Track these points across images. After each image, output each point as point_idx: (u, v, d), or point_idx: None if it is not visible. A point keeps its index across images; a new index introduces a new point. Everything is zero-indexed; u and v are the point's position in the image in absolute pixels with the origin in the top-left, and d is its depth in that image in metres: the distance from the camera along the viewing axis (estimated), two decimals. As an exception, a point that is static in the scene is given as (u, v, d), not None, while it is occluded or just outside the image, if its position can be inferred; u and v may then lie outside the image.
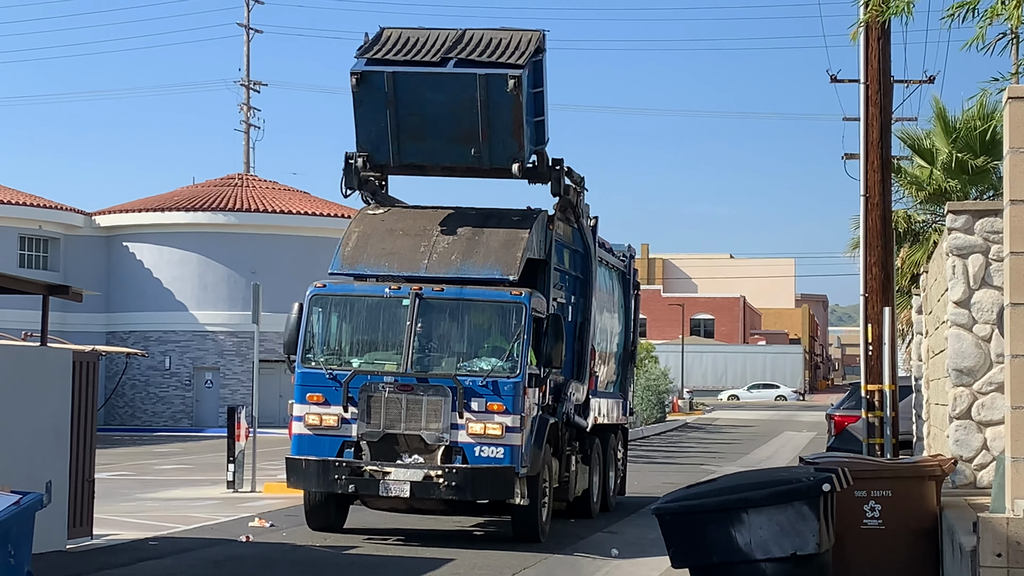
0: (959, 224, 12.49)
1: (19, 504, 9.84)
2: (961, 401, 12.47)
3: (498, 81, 17.07)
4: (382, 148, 17.73)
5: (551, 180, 18.11)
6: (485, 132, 17.32)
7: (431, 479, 16.35)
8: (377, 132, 17.60)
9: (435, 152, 17.84)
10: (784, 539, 10.48)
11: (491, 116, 17.25)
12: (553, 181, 18.11)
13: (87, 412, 16.43)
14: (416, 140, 17.63)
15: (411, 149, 17.75)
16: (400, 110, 17.43)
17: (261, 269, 47.23)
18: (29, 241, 49.57)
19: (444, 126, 17.48)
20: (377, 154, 17.83)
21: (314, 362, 17.11)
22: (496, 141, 17.39)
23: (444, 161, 18.06)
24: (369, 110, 17.50)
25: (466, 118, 17.32)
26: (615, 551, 16.57)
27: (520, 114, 17.19)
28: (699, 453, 39.39)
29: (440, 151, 17.80)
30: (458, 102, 17.30)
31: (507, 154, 17.47)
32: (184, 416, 49.74)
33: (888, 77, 19.41)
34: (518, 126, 17.26)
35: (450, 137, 17.53)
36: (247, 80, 64.95)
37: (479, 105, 17.17)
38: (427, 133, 17.56)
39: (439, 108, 17.39)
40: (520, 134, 17.30)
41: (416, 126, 17.52)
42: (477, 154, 17.53)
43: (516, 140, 17.36)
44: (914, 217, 30.72)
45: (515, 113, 17.20)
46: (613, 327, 22.43)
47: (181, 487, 25.34)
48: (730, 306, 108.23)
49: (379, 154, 17.83)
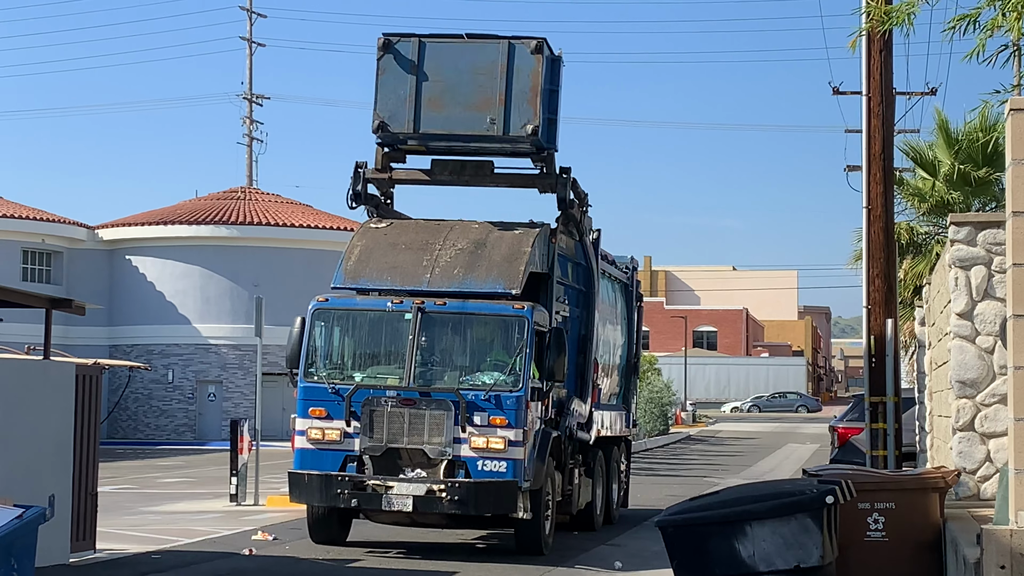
0: (961, 236, 12.49)
1: (22, 518, 9.84)
2: (964, 413, 12.46)
3: (521, 48, 17.76)
4: (399, 116, 17.92)
5: (558, 187, 18.22)
6: (502, 97, 17.68)
7: (434, 493, 16.34)
8: (396, 100, 17.91)
9: (451, 120, 17.98)
10: (787, 552, 10.47)
11: (510, 82, 17.70)
12: (560, 187, 18.22)
13: (90, 425, 16.43)
14: (434, 108, 17.90)
15: (428, 117, 17.94)
16: (421, 77, 17.87)
17: (264, 282, 47.25)
18: (32, 255, 49.62)
19: (463, 94, 17.84)
20: (393, 122, 17.95)
21: (316, 376, 17.11)
22: (512, 107, 17.70)
23: (460, 129, 18.08)
24: (391, 77, 17.92)
25: (485, 85, 17.75)
26: (618, 564, 16.55)
27: (537, 81, 17.65)
28: (702, 465, 39.35)
29: (456, 119, 17.95)
30: (480, 69, 17.81)
31: (522, 121, 17.72)
32: (187, 429, 49.73)
33: (890, 89, 19.45)
34: (535, 93, 17.66)
35: (467, 104, 17.82)
36: (250, 93, 65.05)
37: (499, 70, 17.69)
38: (446, 101, 17.87)
39: (460, 76, 17.85)
40: (536, 102, 17.65)
41: (436, 94, 17.88)
42: (492, 121, 17.76)
43: (531, 107, 17.67)
44: (916, 229, 30.71)
45: (533, 79, 17.67)
46: (616, 339, 22.43)
47: (184, 500, 25.32)
48: (733, 318, 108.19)
49: (395, 122, 17.95)
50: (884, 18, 12.81)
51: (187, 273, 49.82)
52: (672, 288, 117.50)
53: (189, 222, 50.16)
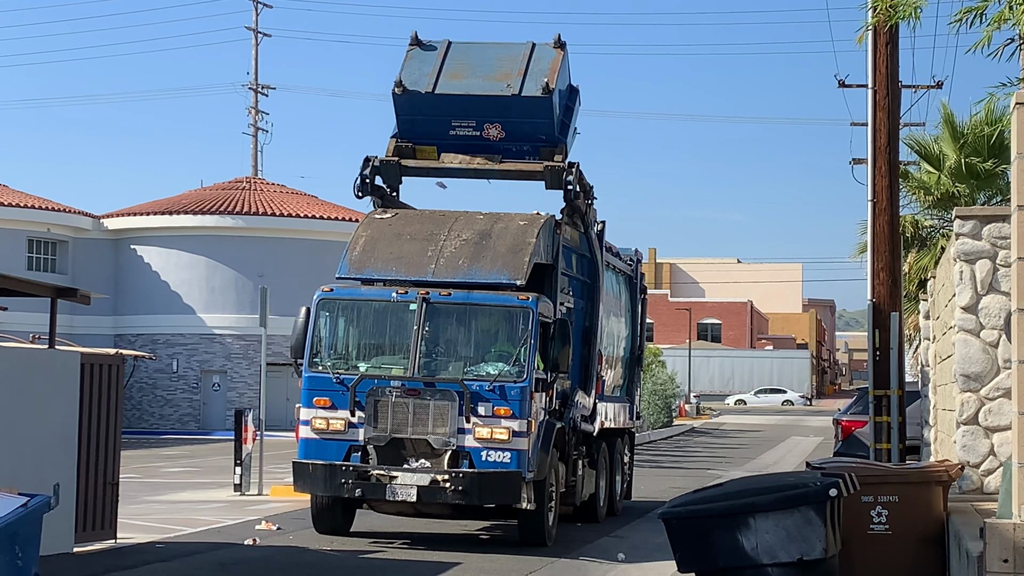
0: (967, 229, 12.48)
1: (27, 506, 9.85)
2: (968, 406, 12.46)
3: (543, 47, 18.97)
4: (420, 81, 18.74)
5: (564, 179, 18.40)
6: (521, 71, 18.62)
7: (438, 483, 16.36)
8: (419, 73, 18.85)
9: (470, 86, 18.79)
10: (791, 544, 10.48)
11: (530, 63, 18.74)
12: (567, 179, 18.39)
13: (110, 415, 16.47)
14: (454, 79, 18.82)
15: (447, 83, 18.77)
16: (446, 64, 18.91)
17: (269, 272, 47.29)
18: (37, 244, 49.66)
19: (484, 70, 18.87)
20: (414, 84, 18.73)
21: (321, 366, 17.13)
22: (529, 77, 18.55)
23: (475, 91, 18.79)
24: (417, 61, 19.00)
25: (506, 65, 18.83)
26: (621, 555, 16.57)
27: (556, 67, 18.63)
28: (706, 458, 39.37)
29: (475, 85, 18.78)
30: (503, 56, 18.99)
31: (537, 86, 18.44)
32: (191, 419, 49.79)
33: (896, 82, 19.42)
34: (552, 72, 18.55)
35: (487, 76, 18.81)
36: (255, 84, 65.06)
37: (521, 58, 18.81)
38: (467, 75, 18.86)
39: (484, 61, 19.00)
40: (554, 77, 18.50)
41: (457, 70, 18.89)
42: (509, 86, 18.56)
43: (547, 78, 18.44)
44: (922, 222, 30.69)
45: (552, 64, 18.68)
46: (620, 331, 22.43)
47: (188, 490, 25.37)
48: (737, 311, 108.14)
49: (416, 84, 18.74)
50: (891, 11, 12.79)
51: (192, 263, 49.85)
52: (676, 280, 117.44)
53: (194, 212, 50.18)
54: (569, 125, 19.24)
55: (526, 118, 18.45)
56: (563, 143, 18.89)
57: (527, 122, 18.60)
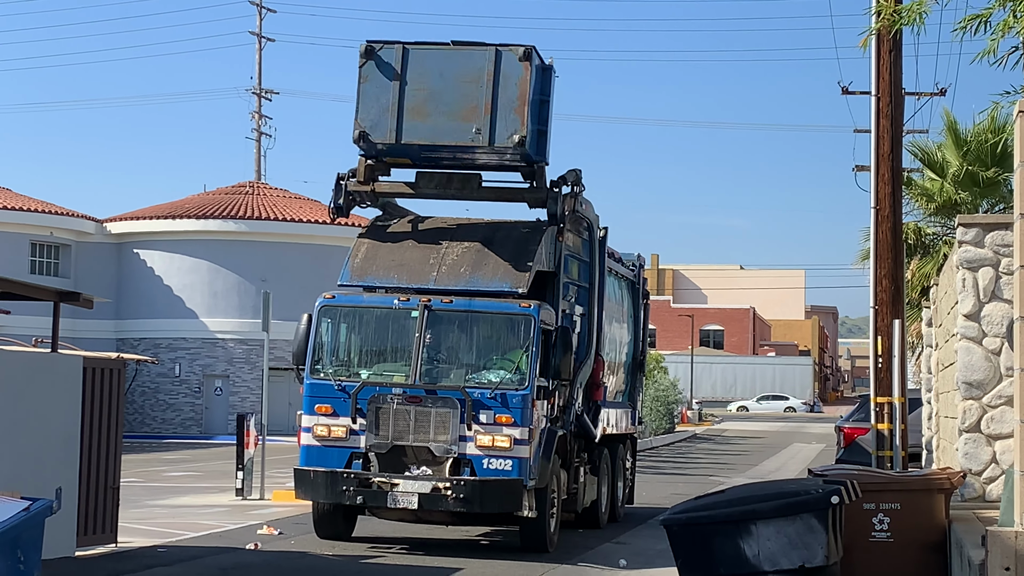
0: (969, 237, 12.48)
1: (29, 510, 9.86)
2: (970, 414, 12.46)
3: (508, 55, 17.10)
4: (381, 125, 17.29)
5: (548, 201, 17.66)
6: (488, 106, 17.02)
7: (439, 491, 16.35)
8: (378, 108, 17.30)
9: (436, 130, 17.29)
10: (792, 551, 10.48)
11: (497, 90, 17.03)
12: (551, 201, 17.65)
13: (111, 419, 16.48)
14: (417, 117, 17.24)
15: (411, 127, 17.28)
16: (404, 86, 17.22)
17: (271, 277, 47.29)
18: (40, 247, 49.69)
19: (448, 102, 17.19)
20: (374, 131, 17.31)
21: (323, 373, 17.12)
22: (499, 117, 17.04)
23: (444, 139, 17.42)
24: (373, 86, 17.31)
25: (471, 93, 17.11)
26: (623, 562, 16.56)
27: (526, 90, 17.00)
28: (708, 464, 39.35)
29: (440, 129, 17.26)
30: (465, 76, 17.15)
31: (508, 131, 17.07)
32: (193, 423, 49.80)
33: (899, 89, 19.42)
34: (522, 103, 17.01)
35: (452, 114, 17.17)
36: (259, 88, 65.14)
37: (486, 77, 17.03)
38: (429, 109, 17.22)
39: (445, 83, 17.21)
40: (523, 111, 16.99)
41: (420, 102, 17.22)
42: (478, 131, 17.08)
43: (518, 116, 17.01)
44: (924, 230, 30.67)
45: (520, 87, 17.03)
46: (622, 337, 22.42)
47: (190, 494, 25.37)
48: (740, 317, 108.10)
49: (377, 131, 17.31)
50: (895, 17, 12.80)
51: (195, 267, 49.87)
52: (679, 287, 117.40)
53: (197, 216, 50.20)
54: (547, 132, 17.75)
55: (500, 155, 17.72)
56: (543, 156, 17.75)
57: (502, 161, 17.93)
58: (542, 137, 17.56)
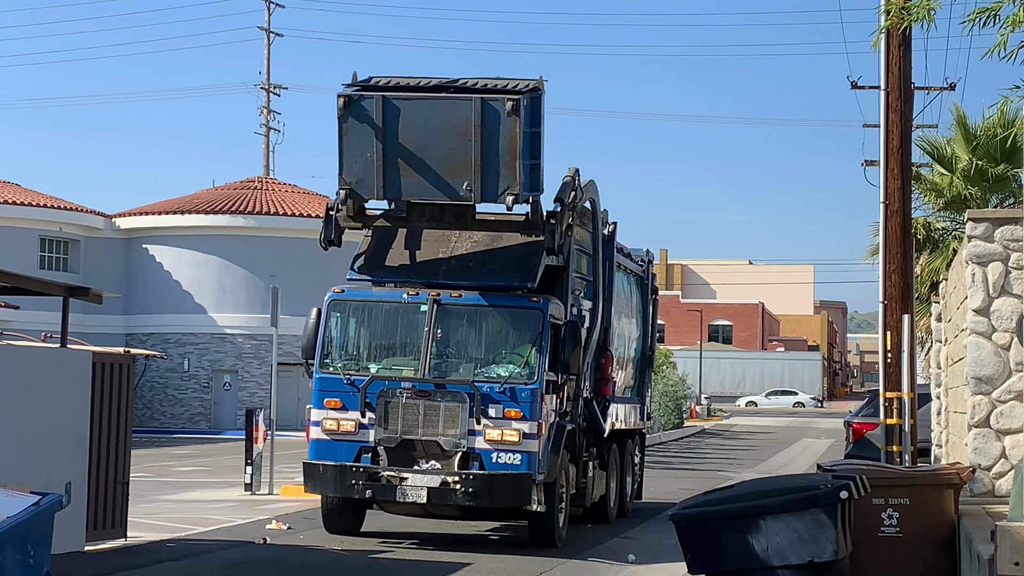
0: (979, 232, 12.46)
1: (38, 505, 9.88)
2: (980, 409, 12.44)
3: (495, 106, 16.15)
4: (367, 181, 16.63)
5: (545, 234, 16.98)
6: (478, 162, 16.26)
7: (448, 485, 16.36)
8: (363, 163, 16.55)
9: (424, 186, 16.67)
10: (801, 546, 10.48)
11: (485, 144, 16.24)
12: (547, 235, 16.99)
13: (120, 413, 16.50)
14: (405, 172, 16.51)
15: (398, 183, 16.65)
16: (388, 138, 16.40)
17: (280, 272, 47.30)
18: (49, 243, 49.77)
19: (435, 156, 16.42)
20: (361, 188, 16.72)
21: (332, 367, 17.14)
22: (489, 172, 16.31)
23: (433, 196, 16.90)
24: (355, 138, 16.51)
25: (459, 147, 16.31)
26: (632, 556, 16.56)
27: (516, 143, 16.17)
28: (716, 459, 39.34)
29: (429, 183, 16.62)
30: (451, 129, 16.31)
31: (501, 187, 16.37)
32: (202, 418, 49.87)
33: (909, 84, 19.36)
34: (513, 157, 16.21)
35: (440, 169, 16.44)
36: (267, 84, 65.17)
37: (473, 131, 16.17)
38: (416, 165, 16.46)
39: (430, 135, 16.39)
40: (515, 166, 16.21)
41: (404, 156, 16.45)
42: (469, 188, 16.42)
43: (510, 172, 16.27)
44: (934, 224, 30.64)
45: (511, 142, 16.19)
46: (631, 332, 22.42)
47: (199, 489, 25.40)
48: (748, 312, 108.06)
49: (363, 188, 16.72)
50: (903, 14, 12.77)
51: (204, 262, 49.92)
52: (688, 282, 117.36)
53: (206, 211, 50.26)
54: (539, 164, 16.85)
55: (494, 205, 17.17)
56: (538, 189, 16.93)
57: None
58: (535, 170, 16.77)
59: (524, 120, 16.26)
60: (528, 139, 16.46)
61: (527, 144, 16.46)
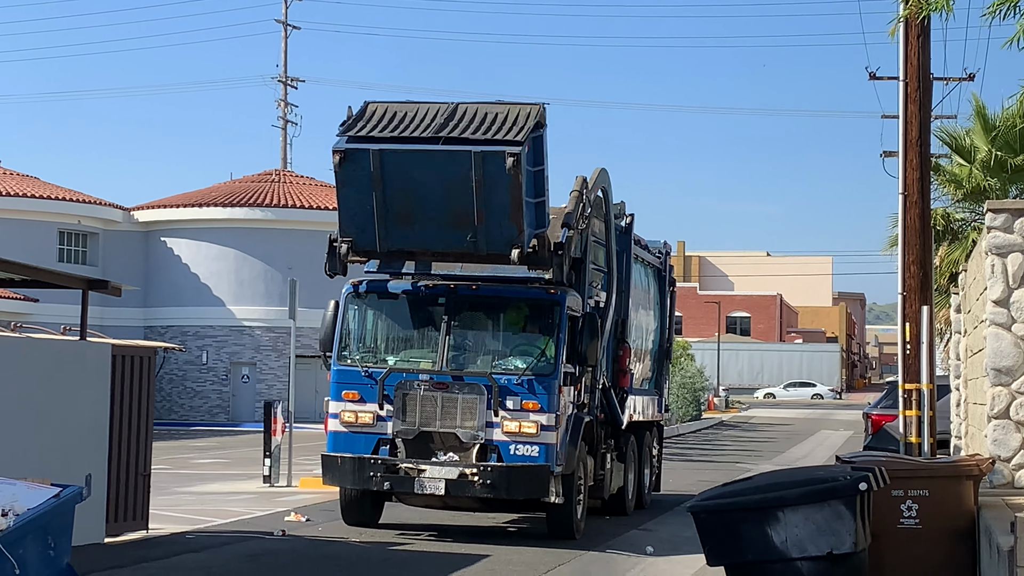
0: (998, 223, 12.41)
1: (59, 497, 9.91)
2: (999, 400, 12.39)
3: (495, 159, 15.55)
4: (367, 232, 16.29)
5: (553, 267, 16.58)
6: (481, 214, 15.82)
7: (466, 477, 16.38)
8: (362, 215, 16.18)
9: (426, 237, 16.30)
10: (820, 538, 10.46)
11: (487, 197, 15.74)
12: (555, 268, 16.58)
13: (141, 406, 16.57)
14: (405, 224, 16.15)
15: (399, 234, 16.28)
16: (387, 191, 15.97)
17: (298, 265, 47.33)
18: (68, 236, 49.93)
19: (435, 208, 15.99)
20: (361, 239, 16.40)
21: (350, 360, 17.17)
22: (493, 224, 15.88)
23: (436, 247, 16.57)
24: (353, 191, 16.13)
25: (460, 199, 15.82)
26: (650, 548, 16.56)
27: (519, 195, 15.70)
28: (734, 451, 39.30)
29: (431, 236, 16.26)
30: (451, 182, 15.80)
31: (505, 239, 15.93)
32: (220, 411, 50.00)
33: (927, 74, 19.30)
34: (517, 208, 15.76)
35: (442, 220, 16.04)
36: (284, 76, 65.25)
37: (474, 185, 15.66)
38: (416, 216, 16.07)
39: (430, 188, 15.90)
40: (519, 217, 15.80)
41: (405, 208, 16.06)
42: (473, 239, 16.02)
43: (515, 223, 15.84)
44: (953, 215, 30.50)
45: (514, 194, 15.69)
46: (649, 324, 22.41)
47: (217, 481, 25.48)
48: (766, 304, 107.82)
49: (364, 239, 16.39)
50: (922, 3, 12.72)
51: (222, 255, 50.04)
52: (706, 273, 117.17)
53: (224, 204, 50.35)
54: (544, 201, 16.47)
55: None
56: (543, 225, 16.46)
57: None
58: (540, 207, 16.36)
59: (527, 163, 15.79)
60: (532, 179, 16.02)
61: (531, 184, 16.00)
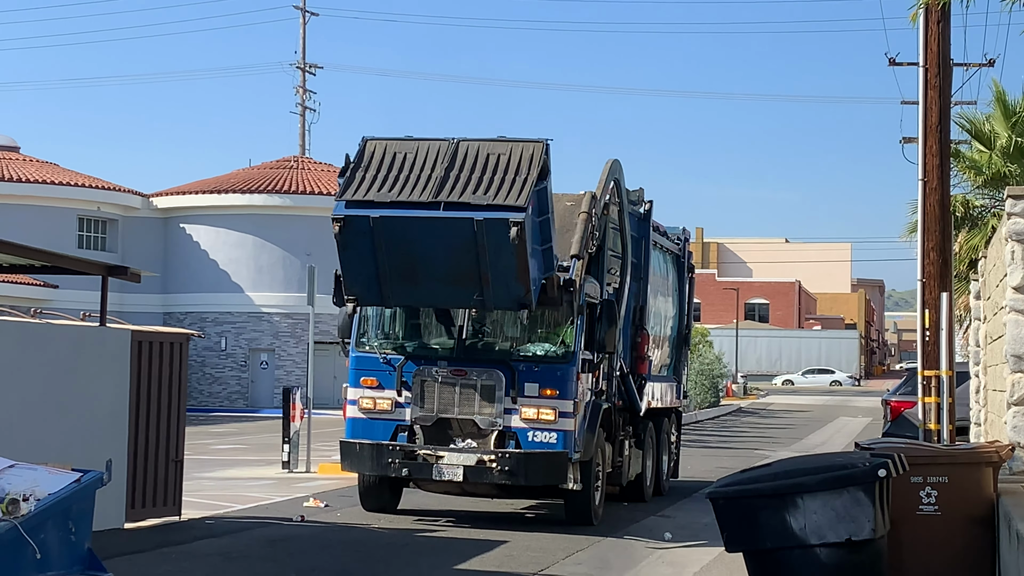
0: (1018, 209, 12.35)
1: (80, 482, 9.93)
2: (1019, 387, 12.35)
3: (498, 226, 15.21)
4: (372, 291, 16.14)
5: (563, 304, 16.46)
6: (486, 277, 15.54)
7: (484, 463, 16.40)
8: (366, 275, 15.97)
9: (431, 295, 16.19)
10: (839, 524, 10.44)
11: (492, 260, 15.42)
12: (566, 304, 16.48)
13: (172, 392, 16.62)
14: (409, 283, 15.95)
15: (404, 292, 16.11)
16: (389, 254, 15.74)
17: (316, 251, 47.37)
18: (87, 222, 50.07)
19: (439, 269, 15.74)
20: (366, 297, 16.31)
21: (368, 346, 17.19)
22: (499, 285, 15.61)
23: (442, 304, 16.69)
24: (355, 254, 15.88)
25: (463, 262, 15.56)
26: (668, 535, 16.56)
27: (525, 258, 15.39)
28: (753, 438, 39.26)
29: (437, 294, 16.11)
30: (453, 247, 15.55)
31: (512, 297, 15.75)
32: (239, 397, 50.14)
33: (947, 60, 19.20)
34: (523, 270, 15.47)
35: (447, 279, 15.79)
36: (303, 63, 65.26)
37: (477, 250, 15.39)
38: (420, 276, 15.84)
39: (432, 251, 15.66)
40: (526, 278, 15.52)
41: (408, 270, 15.82)
42: (480, 298, 15.83)
43: (522, 284, 15.58)
44: (972, 202, 30.38)
45: (519, 258, 15.35)
46: (667, 311, 22.38)
47: (237, 467, 25.56)
48: (785, 291, 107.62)
49: (368, 297, 16.30)
50: (942, -11, 12.67)
51: (240, 242, 50.13)
52: (724, 260, 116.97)
53: (242, 191, 50.43)
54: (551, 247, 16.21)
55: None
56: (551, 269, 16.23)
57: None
58: (547, 253, 16.10)
59: (532, 219, 15.54)
60: (537, 228, 15.80)
61: (536, 233, 15.76)
